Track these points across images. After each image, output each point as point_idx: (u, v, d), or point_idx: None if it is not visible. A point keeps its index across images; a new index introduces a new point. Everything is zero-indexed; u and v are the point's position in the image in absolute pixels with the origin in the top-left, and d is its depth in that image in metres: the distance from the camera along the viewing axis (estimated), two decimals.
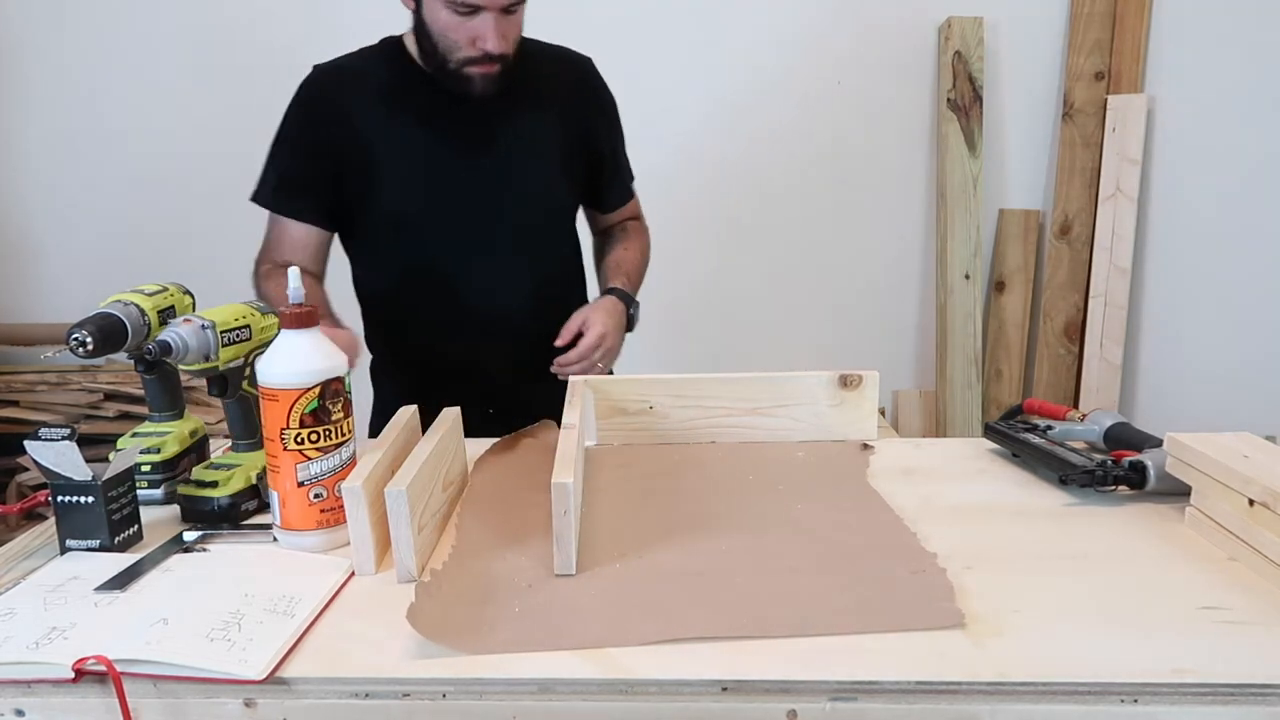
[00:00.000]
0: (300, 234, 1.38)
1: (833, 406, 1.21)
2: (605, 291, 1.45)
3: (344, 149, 1.34)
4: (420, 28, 1.28)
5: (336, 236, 1.44)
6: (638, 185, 1.60)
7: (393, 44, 1.38)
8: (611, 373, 1.41)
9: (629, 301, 1.43)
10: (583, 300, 1.54)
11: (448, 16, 1.23)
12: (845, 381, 1.21)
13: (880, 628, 0.75)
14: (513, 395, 1.33)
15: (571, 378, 1.20)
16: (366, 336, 1.48)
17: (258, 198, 1.39)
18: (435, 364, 1.44)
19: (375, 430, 1.48)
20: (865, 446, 1.21)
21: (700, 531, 0.94)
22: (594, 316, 1.35)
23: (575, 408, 1.07)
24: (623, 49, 1.43)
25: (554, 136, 1.40)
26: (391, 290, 1.43)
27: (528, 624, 0.75)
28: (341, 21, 2.57)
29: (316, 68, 1.39)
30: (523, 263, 1.42)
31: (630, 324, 1.43)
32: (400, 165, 1.34)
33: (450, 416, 1.09)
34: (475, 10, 1.21)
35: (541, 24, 1.41)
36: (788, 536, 0.93)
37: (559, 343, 1.33)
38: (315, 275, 1.39)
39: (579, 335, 1.34)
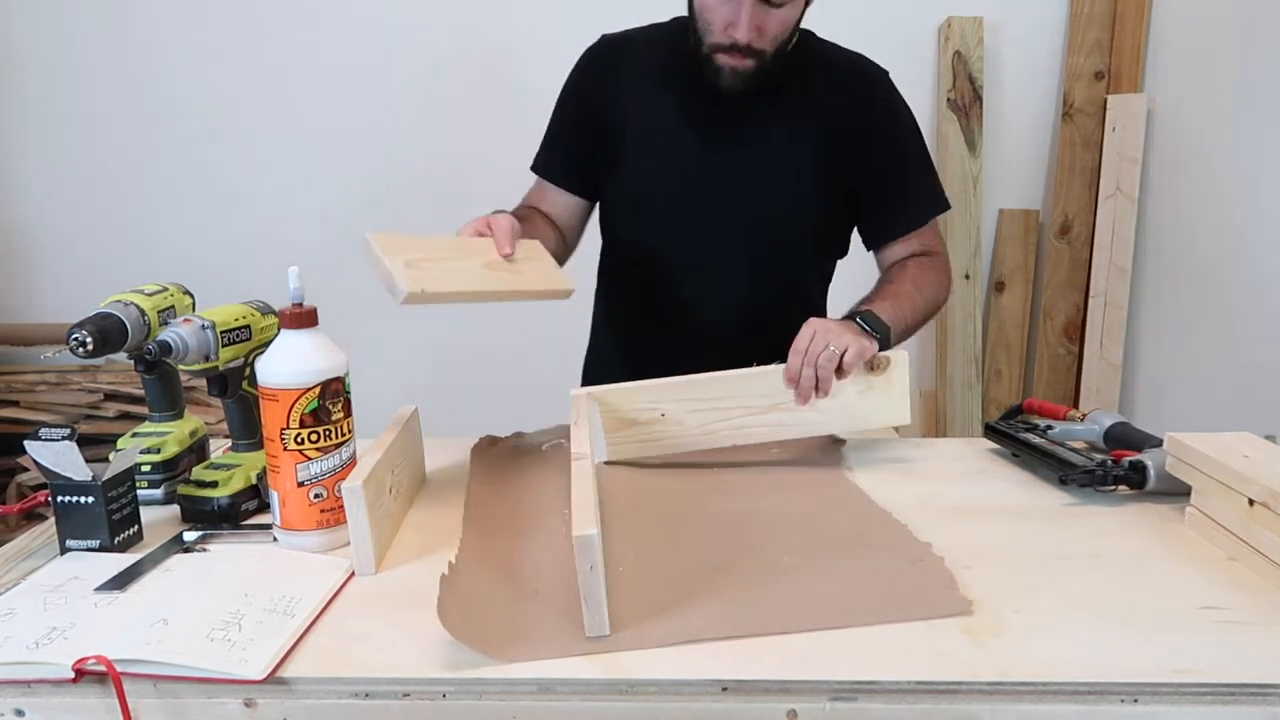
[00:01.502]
0: (553, 194, 1.41)
1: (860, 394, 1.11)
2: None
3: (602, 121, 1.34)
4: (690, 7, 1.24)
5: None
6: None
7: (681, 25, 1.31)
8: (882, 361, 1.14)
9: (871, 326, 1.16)
10: None
11: None
12: (872, 365, 1.11)
13: (890, 619, 0.75)
14: None
15: (573, 392, 1.11)
16: (595, 319, 1.50)
17: (533, 165, 1.44)
18: (642, 351, 1.41)
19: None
20: (835, 440, 1.20)
21: (692, 535, 0.94)
22: (811, 323, 1.14)
23: (583, 427, 0.98)
24: None
25: (816, 149, 1.30)
26: (618, 267, 1.43)
27: (546, 631, 0.75)
28: (335, 20, 2.57)
29: (602, 36, 1.39)
30: (741, 272, 1.34)
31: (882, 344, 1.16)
32: (647, 144, 1.32)
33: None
34: None
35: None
36: (780, 536, 0.93)
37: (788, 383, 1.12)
38: (565, 234, 1.41)
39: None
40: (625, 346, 1.46)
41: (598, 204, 1.44)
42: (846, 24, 2.55)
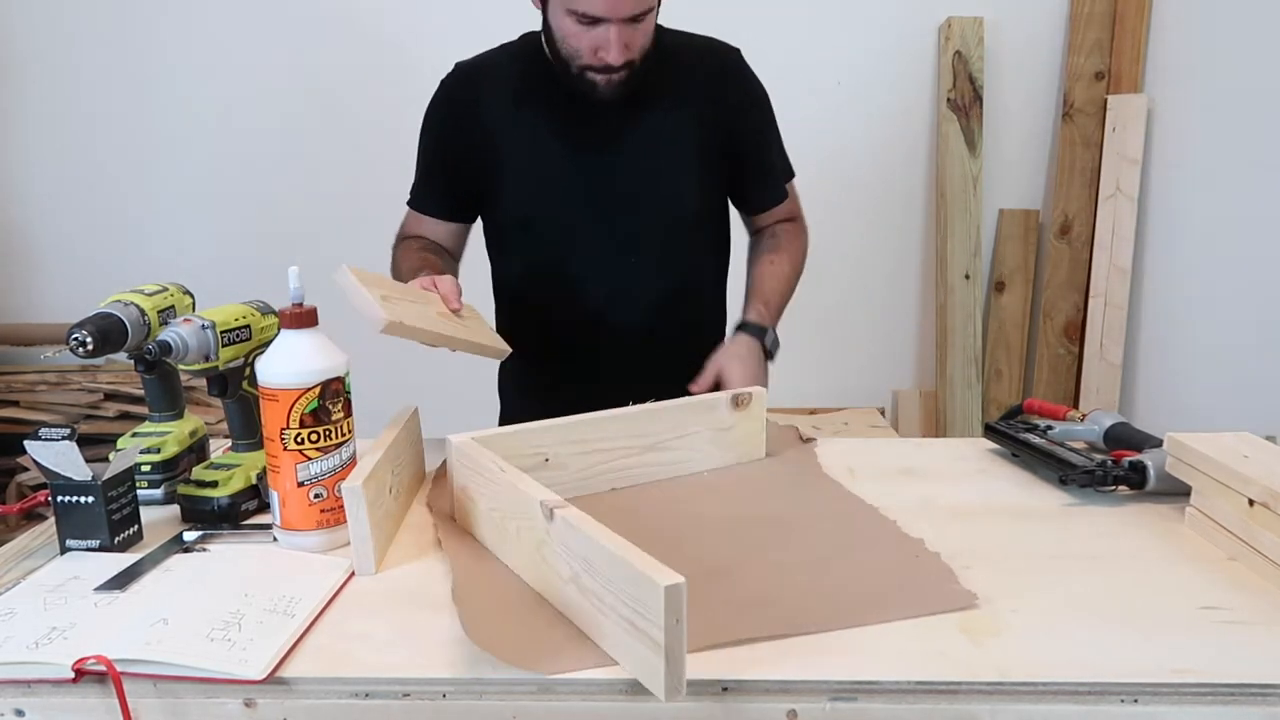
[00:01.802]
0: (431, 224, 1.42)
1: (726, 430, 1.13)
2: (738, 327, 1.34)
3: (473, 147, 1.34)
4: (547, 30, 1.26)
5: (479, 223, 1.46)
6: None
7: (531, 40, 1.35)
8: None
9: (764, 333, 1.32)
10: (718, 312, 1.49)
11: (571, 24, 1.19)
12: (737, 401, 1.13)
13: (899, 616, 0.76)
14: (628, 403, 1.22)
15: (452, 439, 1.01)
16: (497, 328, 1.48)
17: (409, 200, 1.44)
18: (556, 364, 1.42)
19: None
20: (806, 439, 1.21)
21: (687, 540, 0.92)
22: (730, 368, 1.25)
23: (514, 471, 0.88)
24: None
25: (690, 135, 1.33)
26: (516, 288, 1.43)
27: (576, 641, 0.73)
28: (358, 19, 2.57)
29: (457, 65, 1.39)
30: (647, 269, 1.36)
31: (769, 355, 1.33)
32: (524, 164, 1.33)
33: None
34: (597, 21, 1.17)
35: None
36: (774, 537, 0.93)
37: (693, 390, 1.22)
38: (453, 256, 1.44)
39: (716, 385, 1.24)
40: (540, 365, 1.44)
41: (482, 228, 1.45)
42: (847, 24, 2.57)
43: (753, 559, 0.88)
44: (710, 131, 1.34)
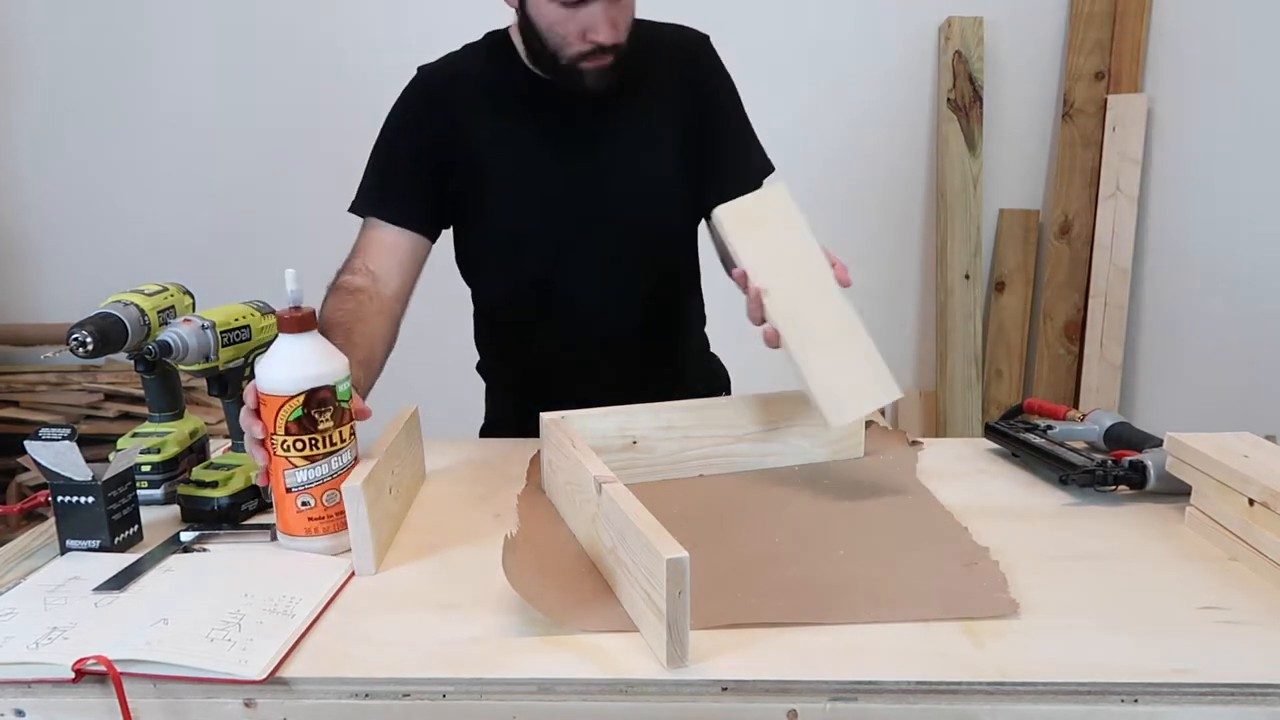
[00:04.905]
0: (391, 238, 1.26)
1: (820, 427, 1.10)
2: None
3: (450, 153, 1.26)
4: (526, 26, 1.20)
5: (450, 239, 1.35)
6: None
7: (498, 39, 1.29)
8: None
9: None
10: (699, 306, 1.45)
11: (554, 10, 1.14)
12: None
13: (932, 616, 0.76)
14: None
15: (544, 416, 1.06)
16: (476, 336, 1.46)
17: (355, 208, 1.31)
18: (541, 370, 1.38)
19: (487, 432, 1.48)
20: (914, 443, 1.21)
21: (751, 523, 0.96)
22: None
23: (585, 450, 0.93)
24: None
25: (667, 129, 1.30)
26: (499, 296, 1.38)
27: (608, 605, 0.78)
28: (355, 19, 2.57)
29: (421, 69, 1.31)
30: (635, 273, 1.32)
31: None
32: (504, 170, 1.27)
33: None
34: (581, 2, 1.13)
35: None
36: (839, 528, 0.94)
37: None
38: (397, 291, 1.25)
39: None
40: (530, 380, 1.40)
41: (455, 248, 1.37)
42: (847, 24, 2.57)
43: (806, 550, 0.89)
44: (683, 124, 1.30)
